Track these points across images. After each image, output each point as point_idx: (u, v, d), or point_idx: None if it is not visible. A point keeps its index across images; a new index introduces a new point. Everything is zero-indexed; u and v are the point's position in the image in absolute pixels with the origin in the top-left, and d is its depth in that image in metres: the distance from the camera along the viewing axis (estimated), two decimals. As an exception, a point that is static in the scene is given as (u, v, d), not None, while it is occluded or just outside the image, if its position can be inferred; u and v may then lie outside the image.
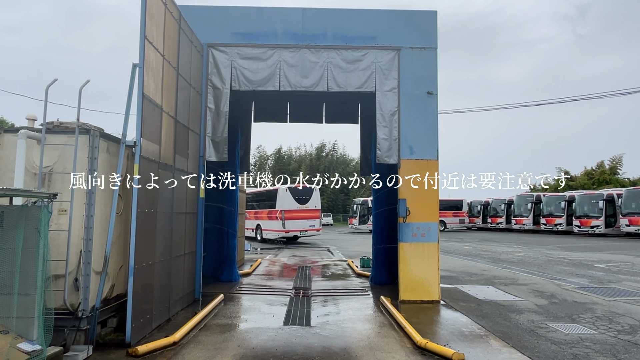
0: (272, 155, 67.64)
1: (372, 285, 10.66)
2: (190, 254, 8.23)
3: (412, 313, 7.63)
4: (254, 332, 6.36)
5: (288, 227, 23.80)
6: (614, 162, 53.58)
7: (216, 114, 8.86)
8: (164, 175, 6.71)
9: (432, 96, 9.04)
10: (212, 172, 11.55)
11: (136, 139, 5.76)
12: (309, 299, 8.93)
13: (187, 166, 8.00)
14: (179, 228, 7.54)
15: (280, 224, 23.66)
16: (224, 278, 10.85)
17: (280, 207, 23.88)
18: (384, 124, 8.91)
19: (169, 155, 7.01)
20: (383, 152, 8.85)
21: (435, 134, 9.00)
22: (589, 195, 34.15)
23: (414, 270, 8.65)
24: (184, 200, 7.78)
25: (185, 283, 7.96)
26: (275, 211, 24.10)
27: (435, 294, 8.64)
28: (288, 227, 23.80)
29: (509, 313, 7.85)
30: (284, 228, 23.75)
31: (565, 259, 16.57)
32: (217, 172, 11.60)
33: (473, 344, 5.91)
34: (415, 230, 8.71)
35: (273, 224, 24.48)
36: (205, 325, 6.72)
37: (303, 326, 6.78)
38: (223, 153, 8.86)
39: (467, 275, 12.34)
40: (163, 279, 6.74)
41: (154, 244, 6.32)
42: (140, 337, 5.79)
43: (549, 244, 24.23)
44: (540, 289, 10.33)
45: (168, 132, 6.97)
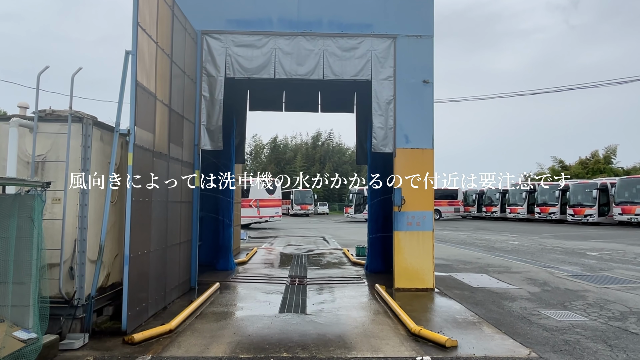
0: (267, 144, 67.46)
1: (367, 273, 10.74)
2: (185, 242, 8.24)
3: (406, 301, 7.70)
4: (250, 320, 6.41)
5: (262, 214, 28.59)
6: (609, 151, 53.93)
7: (211, 102, 8.79)
8: (158, 163, 6.68)
9: (428, 85, 9.01)
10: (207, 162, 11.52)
11: (130, 127, 5.72)
12: (305, 287, 8.99)
13: (182, 155, 7.96)
14: (174, 217, 7.54)
15: (255, 211, 27.96)
16: (220, 267, 10.89)
17: (255, 197, 27.78)
18: (379, 113, 8.89)
19: (164, 143, 6.97)
20: (379, 141, 8.84)
21: (431, 123, 8.99)
22: (583, 184, 34.39)
23: (408, 259, 8.71)
24: (178, 188, 7.75)
25: (181, 271, 7.98)
26: (250, 200, 27.63)
27: (429, 281, 8.72)
28: (262, 214, 28.59)
29: (502, 300, 7.94)
30: (259, 214, 28.28)
31: (559, 248, 16.75)
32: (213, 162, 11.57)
33: (466, 330, 5.99)
34: (410, 219, 8.75)
35: (247, 211, 27.60)
36: (202, 313, 6.76)
37: (298, 314, 6.84)
38: (218, 141, 8.82)
39: (461, 264, 12.45)
40: (159, 268, 6.75)
41: (149, 232, 6.31)
42: (136, 325, 5.82)
43: (543, 233, 24.46)
44: (533, 276, 10.46)
45: (162, 121, 6.91)
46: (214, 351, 5.03)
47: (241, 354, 4.96)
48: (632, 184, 30.58)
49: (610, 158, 54.01)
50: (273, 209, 29.39)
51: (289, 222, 37.83)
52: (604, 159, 53.51)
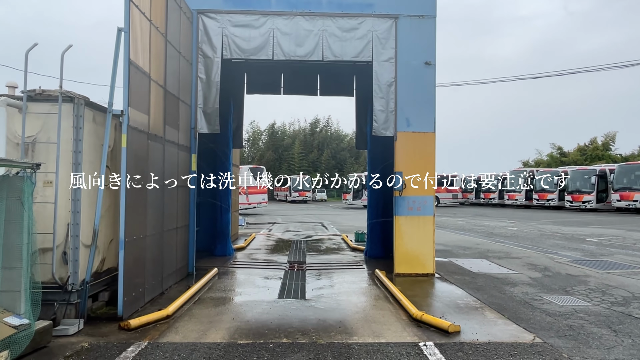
0: (265, 131, 67.04)
1: (367, 259, 10.65)
2: (183, 227, 8.10)
3: (407, 286, 7.61)
4: (249, 306, 6.31)
5: (251, 200, 29.57)
6: (607, 138, 53.83)
7: (207, 84, 8.56)
8: (153, 146, 6.49)
9: (430, 67, 8.79)
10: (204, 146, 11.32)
11: (123, 108, 5.51)
12: (304, 272, 8.90)
13: (178, 138, 7.77)
14: (171, 201, 7.38)
15: (244, 198, 28.71)
16: (218, 252, 10.78)
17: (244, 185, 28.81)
18: (380, 95, 8.68)
19: (159, 126, 6.77)
20: (379, 125, 8.66)
21: (433, 106, 8.80)
22: (582, 170, 34.32)
23: (409, 244, 8.61)
24: (175, 172, 7.58)
25: (179, 257, 7.85)
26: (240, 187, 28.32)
27: (430, 267, 8.64)
28: (251, 200, 29.57)
29: (504, 286, 7.87)
30: (248, 201, 29.24)
31: (558, 233, 16.71)
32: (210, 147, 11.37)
33: (469, 315, 5.90)
34: (411, 203, 8.62)
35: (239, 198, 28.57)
36: (199, 298, 6.65)
37: (298, 299, 6.74)
38: (215, 125, 8.62)
39: (461, 249, 12.38)
40: (155, 253, 6.62)
41: (145, 217, 6.16)
42: (132, 311, 5.71)
43: (541, 219, 24.45)
44: (534, 262, 10.39)
45: (157, 102, 6.70)
46: (212, 337, 4.93)
47: (240, 339, 4.86)
48: (631, 170, 30.52)
49: (609, 145, 53.95)
50: (260, 195, 31.09)
51: (287, 208, 37.76)
52: (602, 146, 53.45)
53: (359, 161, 64.45)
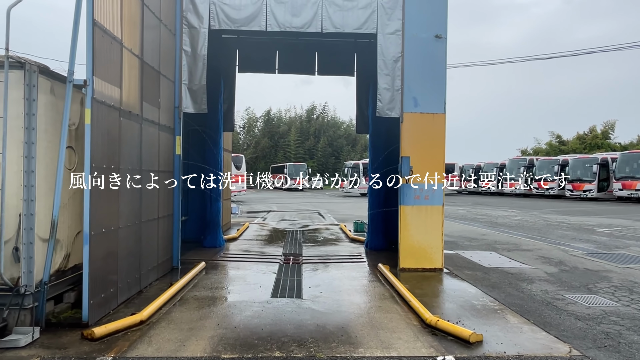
0: (261, 117, 65.85)
1: (368, 251, 9.91)
2: (166, 217, 7.29)
3: (414, 283, 6.88)
4: (237, 307, 5.54)
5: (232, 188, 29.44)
6: (607, 127, 53.32)
7: (193, 57, 7.66)
8: (127, 125, 5.64)
9: (440, 40, 7.93)
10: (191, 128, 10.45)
11: (87, 77, 4.65)
12: (300, 266, 8.15)
13: (159, 117, 6.91)
14: (152, 188, 6.55)
15: None
16: (207, 243, 10.00)
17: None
18: (385, 72, 7.83)
19: (134, 102, 5.91)
20: (384, 104, 7.82)
21: (443, 85, 7.96)
22: (583, 159, 33.70)
23: (415, 236, 7.86)
24: (155, 156, 6.74)
25: (161, 250, 7.06)
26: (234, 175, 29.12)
27: (438, 261, 7.90)
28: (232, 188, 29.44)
29: (520, 282, 7.15)
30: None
31: (564, 223, 16.06)
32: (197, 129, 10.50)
33: (489, 320, 5.17)
34: (418, 192, 7.84)
35: None
36: (182, 298, 5.87)
37: (293, 298, 5.98)
38: (202, 104, 7.75)
39: (466, 240, 11.67)
40: (131, 247, 5.81)
41: (117, 206, 5.34)
42: (102, 315, 4.93)
43: (543, 208, 23.83)
44: (546, 255, 9.70)
45: (132, 75, 5.83)
46: (192, 349, 4.15)
47: (224, 352, 4.09)
48: (633, 159, 29.90)
49: (608, 133, 53.47)
50: (241, 183, 31.31)
51: (283, 196, 36.99)
52: (602, 134, 52.95)
53: (356, 149, 63.58)
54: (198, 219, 10.71)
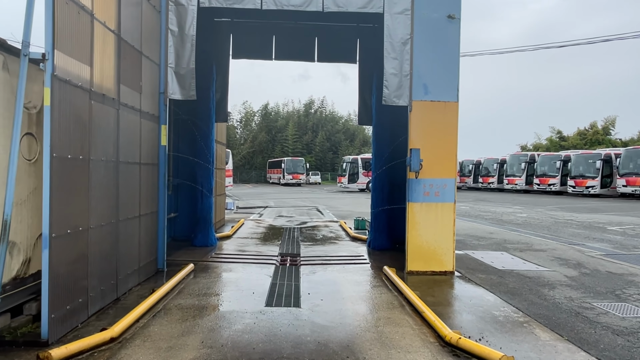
0: (258, 112, 65.03)
1: (370, 250, 9.24)
2: (149, 215, 6.57)
3: (424, 289, 6.20)
4: (227, 319, 4.85)
5: None
6: (608, 122, 52.86)
7: (180, 38, 6.92)
8: (100, 109, 4.91)
9: (453, 21, 7.21)
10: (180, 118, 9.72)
11: (46, 50, 3.92)
12: (298, 268, 7.46)
13: (141, 103, 6.17)
14: (131, 183, 5.83)
15: None
16: (198, 242, 9.29)
17: None
18: (393, 56, 7.10)
19: (109, 84, 5.17)
20: (391, 91, 7.10)
21: (456, 70, 7.25)
22: (586, 155, 33.09)
23: (424, 236, 7.17)
24: (136, 146, 6.01)
25: (143, 251, 6.35)
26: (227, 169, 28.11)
27: (449, 263, 7.23)
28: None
29: (540, 288, 6.49)
30: None
31: (573, 221, 15.43)
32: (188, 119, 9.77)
33: (516, 336, 4.49)
34: (427, 187, 7.15)
35: None
36: (164, 308, 5.17)
37: (290, 308, 5.29)
38: (190, 90, 7.01)
39: (474, 239, 11.01)
40: (106, 249, 5.10)
41: (87, 203, 4.62)
42: (67, 330, 4.23)
43: (547, 205, 23.23)
44: (562, 255, 9.05)
45: (106, 52, 5.09)
46: (168, 376, 3.46)
47: (207, 380, 3.40)
48: (638, 155, 29.26)
49: (609, 129, 53.02)
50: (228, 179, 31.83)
51: (280, 191, 36.29)
52: (602, 130, 52.48)
53: (354, 144, 62.87)
54: (189, 215, 10.00)
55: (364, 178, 38.01)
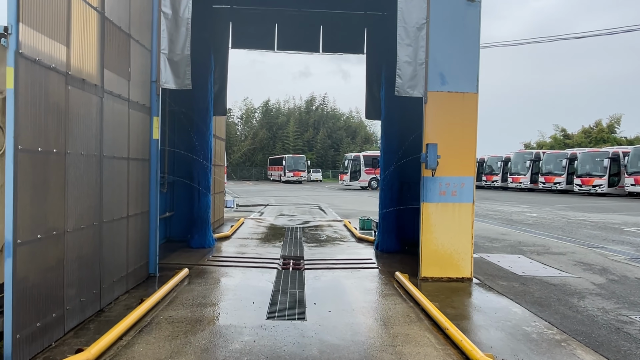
0: (259, 108, 64.37)
1: (378, 253, 8.66)
2: (139, 215, 5.98)
3: (442, 298, 5.62)
4: (223, 336, 4.26)
5: None
6: (613, 120, 52.26)
7: (174, 21, 6.31)
8: (79, 96, 4.31)
9: (473, 5, 6.60)
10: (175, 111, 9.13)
11: (9, 23, 3.32)
12: (302, 273, 6.88)
13: (129, 92, 5.57)
14: (117, 180, 5.24)
15: None
16: (194, 244, 8.71)
17: None
18: (407, 42, 6.49)
19: (91, 68, 4.57)
20: (405, 81, 6.49)
21: (476, 58, 6.65)
22: (593, 153, 32.47)
23: (440, 239, 6.58)
24: (124, 139, 5.42)
25: (132, 256, 5.76)
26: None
27: (466, 269, 6.64)
28: None
29: (568, 297, 5.90)
30: None
31: (586, 221, 14.83)
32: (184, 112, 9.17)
33: (556, 359, 3.90)
34: (444, 186, 6.56)
35: None
36: (153, 321, 4.58)
37: (295, 321, 4.71)
38: (185, 78, 6.41)
39: (487, 241, 10.42)
40: (87, 255, 4.52)
41: (63, 203, 4.03)
42: (37, 351, 3.65)
43: (555, 204, 22.64)
44: (584, 259, 8.46)
45: (87, 32, 4.49)
46: (150, 414, 2.88)
47: (197, 420, 2.81)
48: (647, 153, 28.67)
49: (614, 127, 52.42)
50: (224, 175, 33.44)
51: (281, 189, 35.71)
52: (607, 128, 51.86)
53: (356, 141, 62.24)
54: (185, 215, 9.42)
55: (366, 176, 37.43)
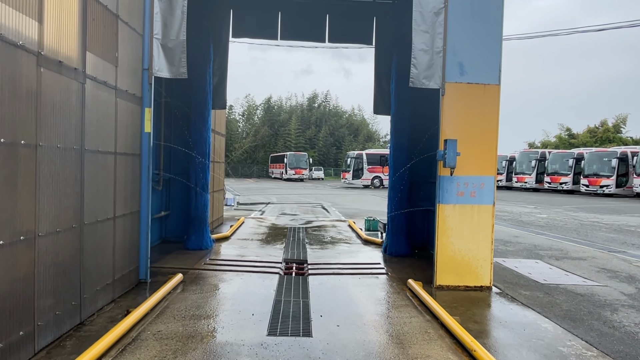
0: (261, 105, 63.78)
1: (387, 257, 8.12)
2: (128, 216, 5.44)
3: (462, 311, 5.07)
4: (218, 356, 3.72)
5: None
6: (619, 120, 51.66)
7: (168, 3, 5.75)
8: (54, 80, 3.76)
9: (496, -12, 6.03)
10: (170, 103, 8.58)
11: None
12: (305, 279, 6.34)
13: (117, 79, 5.02)
14: (102, 177, 4.70)
15: None
16: (191, 245, 8.17)
17: None
18: (423, 28, 5.93)
19: (70, 50, 4.02)
20: (420, 71, 5.93)
21: (498, 46, 6.09)
22: (601, 153, 31.84)
23: (457, 244, 6.04)
24: (110, 132, 4.87)
25: (120, 260, 5.23)
26: None
27: (485, 277, 6.10)
28: None
29: (600, 310, 5.35)
30: None
31: (599, 223, 14.26)
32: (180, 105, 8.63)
33: (605, 390, 3.36)
34: (462, 186, 6.00)
35: None
36: (139, 337, 4.05)
37: (299, 337, 4.17)
38: (180, 66, 5.86)
39: (500, 244, 9.87)
40: (64, 261, 3.98)
41: (34, 203, 3.49)
42: (-2, 376, 3.11)
43: (563, 204, 22.05)
44: (606, 265, 7.91)
45: (65, 8, 3.94)
46: None
47: None
48: (657, 153, 28.09)
49: (620, 127, 51.83)
50: None
51: (283, 187, 35.17)
52: (613, 128, 51.24)
53: (358, 139, 61.64)
54: (181, 214, 8.89)
55: (369, 174, 36.87)
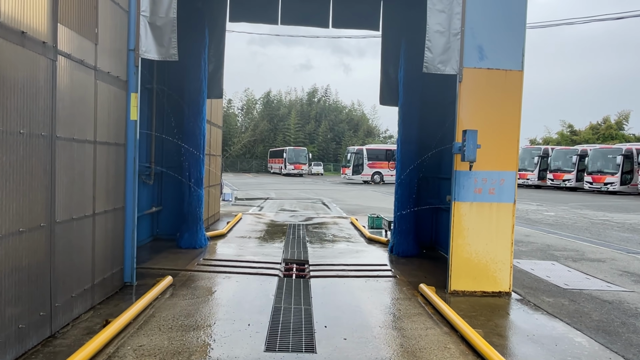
0: (260, 100, 63.06)
1: (394, 257, 7.59)
2: (110, 213, 4.89)
3: (483, 321, 4.55)
4: (206, 378, 3.19)
5: None
6: (621, 117, 51.23)
7: (156, -24, 5.17)
8: (15, 55, 3.20)
9: (520, -37, 5.46)
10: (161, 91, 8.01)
11: None
12: (307, 282, 5.81)
13: (97, 59, 4.45)
14: (78, 168, 4.15)
15: None
16: (183, 244, 7.64)
17: None
18: (439, 7, 5.36)
19: (36, 20, 3.45)
20: (435, 55, 5.37)
21: (522, 29, 5.52)
22: (605, 149, 31.33)
23: (473, 245, 5.51)
24: (89, 118, 4.31)
25: (101, 262, 4.68)
26: None
27: (504, 282, 5.57)
28: None
29: (634, 321, 4.84)
30: None
31: (610, 222, 13.76)
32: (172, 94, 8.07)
33: None
34: (480, 183, 5.46)
35: None
36: (116, 353, 3.51)
37: (301, 353, 3.65)
38: (170, 47, 5.29)
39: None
40: (29, 266, 3.44)
41: (-12, 198, 2.94)
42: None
43: (568, 202, 21.56)
44: (628, 268, 7.40)
45: (31, -30, 3.36)
46: None
47: None
48: (663, 150, 27.60)
49: (623, 124, 51.39)
50: None
51: (282, 182, 34.63)
52: (616, 125, 50.78)
53: (358, 134, 61.03)
54: (174, 210, 8.34)
55: (369, 169, 36.33)
